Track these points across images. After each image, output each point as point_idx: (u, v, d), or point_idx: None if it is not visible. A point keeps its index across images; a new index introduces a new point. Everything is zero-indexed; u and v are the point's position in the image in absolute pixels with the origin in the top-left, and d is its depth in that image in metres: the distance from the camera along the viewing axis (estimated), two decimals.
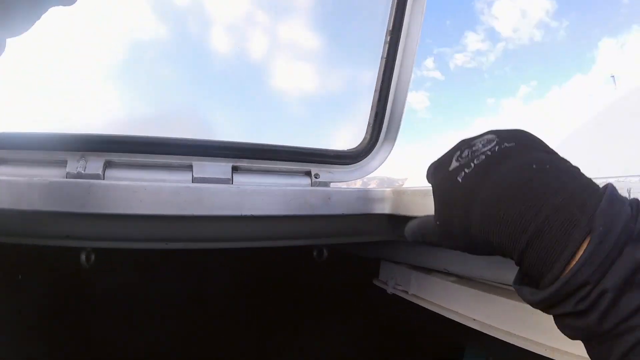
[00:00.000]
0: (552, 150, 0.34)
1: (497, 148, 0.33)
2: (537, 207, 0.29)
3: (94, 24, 0.70)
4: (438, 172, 0.38)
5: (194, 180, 0.63)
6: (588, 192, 0.29)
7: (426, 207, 0.48)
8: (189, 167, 0.64)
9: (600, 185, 0.30)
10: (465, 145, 0.36)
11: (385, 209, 0.68)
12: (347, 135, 0.78)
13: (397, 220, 0.73)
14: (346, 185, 0.76)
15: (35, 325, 0.93)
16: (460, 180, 0.34)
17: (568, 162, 0.33)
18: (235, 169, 0.66)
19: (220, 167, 0.65)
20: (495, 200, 0.31)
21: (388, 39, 0.75)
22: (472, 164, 0.34)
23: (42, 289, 0.93)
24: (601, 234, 0.26)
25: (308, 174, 0.70)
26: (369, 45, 0.76)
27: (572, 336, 0.30)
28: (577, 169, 0.32)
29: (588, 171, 0.32)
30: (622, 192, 0.34)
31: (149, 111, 0.71)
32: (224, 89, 0.74)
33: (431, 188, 0.40)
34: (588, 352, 0.29)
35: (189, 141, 0.67)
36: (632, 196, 0.33)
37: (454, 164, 0.36)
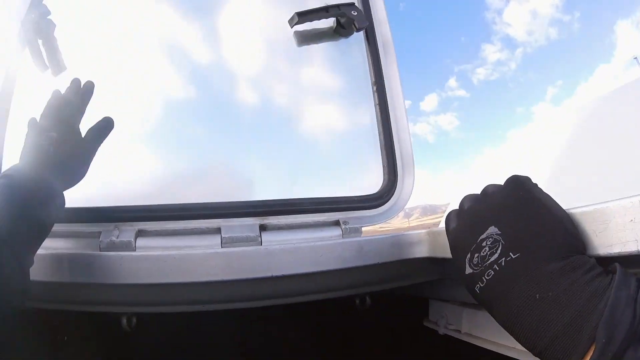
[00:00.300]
0: (557, 246, 0.37)
1: (503, 262, 0.37)
2: (541, 333, 0.33)
3: (116, 101, 0.77)
4: (457, 265, 0.44)
5: (223, 243, 0.62)
6: (589, 309, 0.32)
7: None
8: (217, 230, 0.64)
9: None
10: (472, 242, 0.41)
11: (423, 252, 0.64)
12: (365, 178, 0.80)
13: (435, 262, 0.69)
14: (379, 227, 0.74)
15: None
16: (477, 291, 0.40)
17: (578, 266, 0.35)
18: (262, 228, 0.65)
19: (247, 227, 0.65)
20: (509, 324, 0.37)
21: (375, 89, 0.84)
22: (485, 279, 0.39)
23: (86, 352, 0.95)
24: (602, 347, 0.29)
25: (337, 223, 0.68)
26: (363, 95, 0.86)
27: None
28: (580, 281, 0.34)
29: None
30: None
31: (174, 178, 0.75)
32: (238, 149, 0.78)
33: None
34: None
35: (215, 204, 0.68)
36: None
37: (468, 268, 0.41)
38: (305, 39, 0.85)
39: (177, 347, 0.98)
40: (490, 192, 0.44)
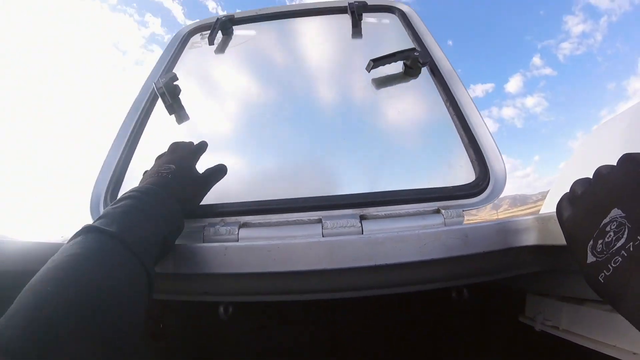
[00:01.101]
0: None
1: (631, 247, 0.35)
2: None
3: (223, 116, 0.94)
4: (576, 254, 0.42)
5: (324, 232, 0.63)
6: None
7: None
8: (318, 221, 0.64)
9: None
10: (594, 228, 0.39)
11: (530, 240, 0.60)
12: (457, 174, 0.81)
13: (543, 251, 0.64)
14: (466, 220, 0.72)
15: None
16: (602, 280, 0.37)
17: None
18: (363, 217, 0.65)
19: (348, 218, 0.64)
20: (637, 318, 0.34)
21: (448, 104, 0.91)
22: (611, 267, 0.36)
23: (182, 339, 0.99)
24: None
25: (437, 211, 0.66)
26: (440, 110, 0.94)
27: None
28: None
29: None
30: None
31: (274, 177, 0.80)
32: (334, 149, 0.84)
33: None
34: None
35: (315, 198, 0.69)
36: None
37: (590, 256, 0.39)
38: (381, 83, 1.00)
39: (270, 334, 1.00)
40: (605, 172, 0.41)
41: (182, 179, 0.64)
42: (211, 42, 1.17)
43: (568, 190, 0.48)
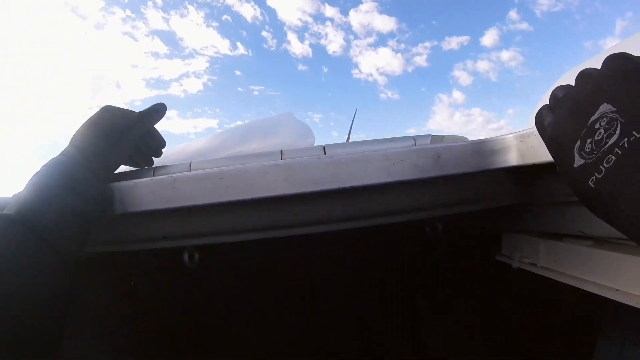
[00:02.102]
0: None
1: (626, 143, 0.31)
2: None
3: None
4: (561, 160, 0.37)
5: (283, 157, 0.56)
6: None
7: None
8: (278, 153, 0.57)
9: None
10: (581, 127, 0.34)
11: (508, 160, 0.55)
12: None
13: (523, 175, 0.61)
14: None
15: (149, 328, 0.96)
16: (592, 185, 0.33)
17: None
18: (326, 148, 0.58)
19: (311, 148, 0.58)
20: (636, 225, 0.30)
21: None
22: (602, 168, 0.32)
23: (150, 292, 0.95)
24: None
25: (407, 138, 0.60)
26: None
27: None
28: None
29: None
30: None
31: None
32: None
33: None
34: None
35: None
36: None
37: (578, 159, 0.35)
38: None
39: (239, 281, 0.97)
40: (589, 72, 0.36)
41: (101, 130, 0.57)
42: None
43: None
